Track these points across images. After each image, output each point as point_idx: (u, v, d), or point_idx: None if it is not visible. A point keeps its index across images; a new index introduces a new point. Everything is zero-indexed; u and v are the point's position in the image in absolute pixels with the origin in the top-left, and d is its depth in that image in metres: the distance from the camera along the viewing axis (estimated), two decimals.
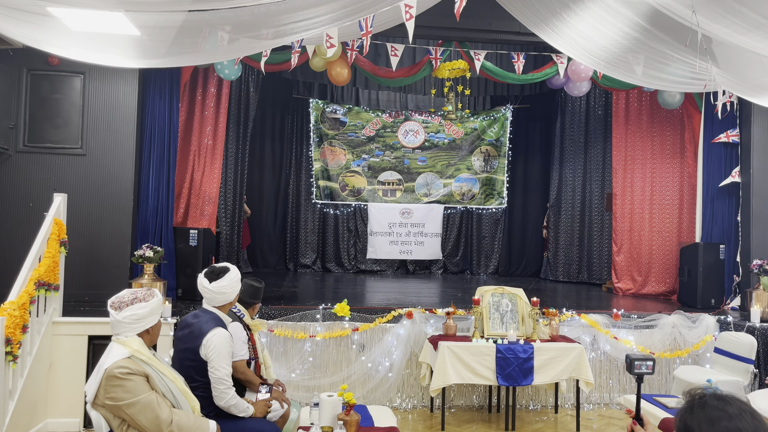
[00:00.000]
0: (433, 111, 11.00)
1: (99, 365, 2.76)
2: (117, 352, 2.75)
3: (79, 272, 6.25)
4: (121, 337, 2.83)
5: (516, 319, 5.59)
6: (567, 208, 10.47)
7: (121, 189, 6.47)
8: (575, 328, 6.20)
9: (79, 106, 6.46)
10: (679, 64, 5.33)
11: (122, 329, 2.83)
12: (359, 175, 11.21)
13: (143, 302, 2.85)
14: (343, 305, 5.98)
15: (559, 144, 10.61)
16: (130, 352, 2.76)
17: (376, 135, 11.26)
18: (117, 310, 2.83)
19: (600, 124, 10.00)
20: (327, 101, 11.07)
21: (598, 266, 10.02)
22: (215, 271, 3.45)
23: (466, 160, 11.40)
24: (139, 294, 2.89)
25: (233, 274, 3.48)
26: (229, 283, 3.43)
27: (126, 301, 2.84)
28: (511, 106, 11.40)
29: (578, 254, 10.27)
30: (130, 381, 2.66)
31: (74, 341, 5.36)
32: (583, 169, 10.28)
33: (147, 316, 2.87)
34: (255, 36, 4.95)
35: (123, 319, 2.81)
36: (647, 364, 2.85)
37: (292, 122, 11.12)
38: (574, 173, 10.38)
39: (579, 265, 10.27)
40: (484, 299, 5.60)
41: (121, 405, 2.65)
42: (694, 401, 1.65)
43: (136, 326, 2.84)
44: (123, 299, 2.86)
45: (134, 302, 2.84)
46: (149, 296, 2.90)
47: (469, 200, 11.40)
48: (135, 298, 2.86)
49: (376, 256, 11.04)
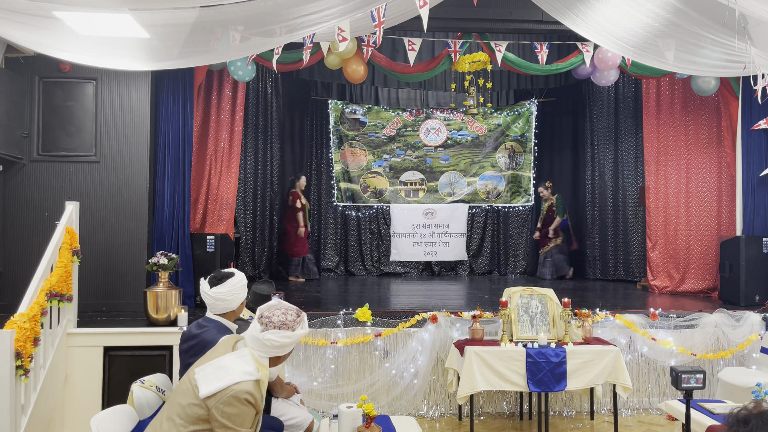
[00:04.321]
0: (454, 107, 10.83)
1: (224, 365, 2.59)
2: (248, 371, 2.59)
3: (94, 282, 6.21)
4: (257, 353, 2.70)
5: (546, 321, 5.38)
6: (598, 203, 10.25)
7: (136, 196, 6.42)
8: (610, 329, 5.98)
9: (92, 112, 6.43)
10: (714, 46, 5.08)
11: (259, 347, 2.71)
12: (381, 176, 11.09)
13: (290, 331, 2.72)
14: (364, 310, 5.84)
15: (588, 137, 10.40)
16: (261, 377, 2.63)
17: (396, 134, 11.13)
18: (264, 327, 2.71)
19: (630, 114, 9.74)
20: (346, 102, 10.97)
21: (633, 263, 9.76)
22: (218, 275, 3.32)
23: (490, 157, 11.22)
24: (290, 319, 2.75)
25: (236, 281, 3.33)
26: (229, 290, 3.28)
27: (275, 323, 2.71)
28: (535, 100, 11.19)
29: (612, 251, 10.03)
30: (247, 409, 2.53)
31: (90, 353, 5.31)
32: (613, 162, 10.03)
33: (286, 346, 2.74)
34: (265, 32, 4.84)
35: (264, 340, 2.68)
36: (696, 377, 2.57)
37: (311, 124, 11.04)
38: (603, 167, 10.15)
39: (613, 263, 10.03)
40: (512, 301, 5.40)
41: (223, 423, 2.50)
42: (752, 416, 1.45)
43: (271, 351, 2.72)
44: (272, 319, 2.72)
45: (282, 328, 2.71)
46: (297, 325, 2.76)
47: (494, 198, 11.21)
48: (284, 323, 2.72)
49: (399, 258, 10.90)
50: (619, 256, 9.97)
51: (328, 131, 11.01)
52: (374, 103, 11.04)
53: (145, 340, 5.43)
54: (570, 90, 10.71)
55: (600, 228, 10.24)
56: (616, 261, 10.02)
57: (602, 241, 10.18)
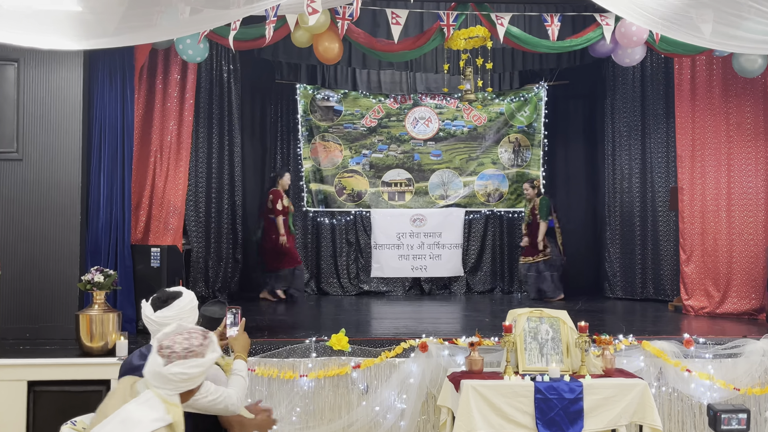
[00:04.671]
0: (447, 92, 10.89)
1: (127, 417, 2.61)
2: (157, 417, 2.61)
3: (15, 303, 6.23)
4: (163, 392, 2.70)
5: (559, 349, 5.48)
6: (621, 207, 10.32)
7: (66, 200, 6.45)
8: (636, 359, 6.03)
9: (12, 100, 6.46)
10: (760, 18, 5.15)
11: (165, 385, 2.71)
12: (359, 176, 11.16)
13: (199, 359, 2.73)
14: (340, 336, 5.89)
15: (609, 128, 10.48)
16: (174, 419, 2.64)
17: (378, 125, 11.21)
18: (166, 360, 2.70)
19: (659, 101, 9.84)
20: (317, 86, 11.02)
21: (663, 279, 9.85)
22: (163, 296, 3.34)
23: (491, 152, 11.33)
24: (195, 343, 2.76)
25: (184, 302, 3.35)
26: (176, 313, 3.30)
27: (179, 353, 2.71)
28: (545, 84, 11.31)
29: (639, 265, 10.10)
30: None
31: (11, 388, 5.33)
32: (640, 158, 10.11)
33: (197, 377, 2.77)
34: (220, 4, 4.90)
35: (170, 375, 2.68)
36: (739, 417, 2.65)
37: (276, 114, 11.10)
38: (627, 164, 10.23)
39: (639, 279, 10.11)
40: (518, 325, 5.49)
41: None
42: None
43: (181, 387, 2.73)
44: (174, 348, 2.72)
45: (188, 356, 2.71)
46: (205, 349, 2.78)
47: (496, 202, 11.31)
48: (190, 351, 2.73)
49: (382, 274, 10.94)
50: (647, 270, 10.04)
51: (295, 122, 11.05)
52: (351, 88, 11.09)
53: (77, 372, 5.43)
54: (587, 71, 10.79)
55: (623, 237, 10.29)
56: (643, 277, 10.10)
57: (626, 252, 10.24)
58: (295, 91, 11.04)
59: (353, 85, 11.09)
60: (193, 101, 7.51)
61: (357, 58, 9.73)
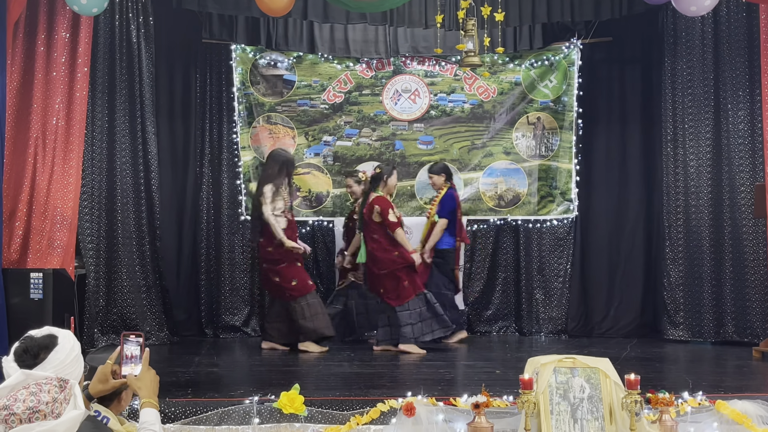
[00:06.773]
0: (441, 53, 10.65)
1: None
2: None
3: None
4: None
5: (599, 413, 5.56)
6: (685, 213, 10.31)
7: None
8: (708, 425, 6.10)
9: None
10: None
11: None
12: (319, 172, 11.23)
13: (51, 420, 2.79)
14: (292, 395, 5.91)
15: (669, 103, 10.49)
16: None
17: (345, 101, 11.26)
18: (6, 425, 2.75)
19: (739, 64, 9.81)
20: (260, 47, 11.02)
21: (748, 315, 9.80)
22: (33, 349, 3.27)
23: (503, 138, 11.36)
24: (45, 401, 2.81)
25: (62, 354, 3.23)
26: (58, 368, 3.27)
27: (20, 414, 2.76)
28: (578, 42, 11.24)
29: (712, 296, 10.05)
30: None
31: None
32: (712, 144, 10.08)
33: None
34: None
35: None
36: None
37: (203, 86, 11.08)
38: (694, 152, 10.22)
39: (714, 315, 10.06)
40: (542, 379, 5.58)
41: None
42: None
43: None
44: (14, 409, 2.77)
45: (35, 418, 2.77)
46: (63, 405, 2.84)
47: (511, 207, 11.33)
48: (36, 410, 2.78)
49: None
50: (724, 302, 10.01)
51: (230, 97, 11.04)
52: (308, 49, 11.08)
53: None
54: (636, 25, 10.88)
55: (689, 256, 10.31)
56: (718, 310, 10.08)
57: (692, 277, 10.26)
58: (230, 55, 11.02)
59: (310, 46, 11.07)
60: (87, 69, 7.51)
61: (316, 7, 9.70)
